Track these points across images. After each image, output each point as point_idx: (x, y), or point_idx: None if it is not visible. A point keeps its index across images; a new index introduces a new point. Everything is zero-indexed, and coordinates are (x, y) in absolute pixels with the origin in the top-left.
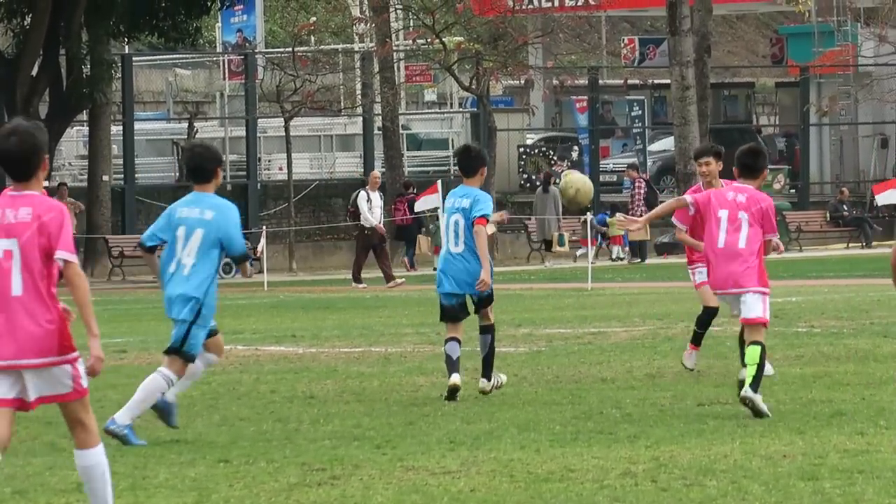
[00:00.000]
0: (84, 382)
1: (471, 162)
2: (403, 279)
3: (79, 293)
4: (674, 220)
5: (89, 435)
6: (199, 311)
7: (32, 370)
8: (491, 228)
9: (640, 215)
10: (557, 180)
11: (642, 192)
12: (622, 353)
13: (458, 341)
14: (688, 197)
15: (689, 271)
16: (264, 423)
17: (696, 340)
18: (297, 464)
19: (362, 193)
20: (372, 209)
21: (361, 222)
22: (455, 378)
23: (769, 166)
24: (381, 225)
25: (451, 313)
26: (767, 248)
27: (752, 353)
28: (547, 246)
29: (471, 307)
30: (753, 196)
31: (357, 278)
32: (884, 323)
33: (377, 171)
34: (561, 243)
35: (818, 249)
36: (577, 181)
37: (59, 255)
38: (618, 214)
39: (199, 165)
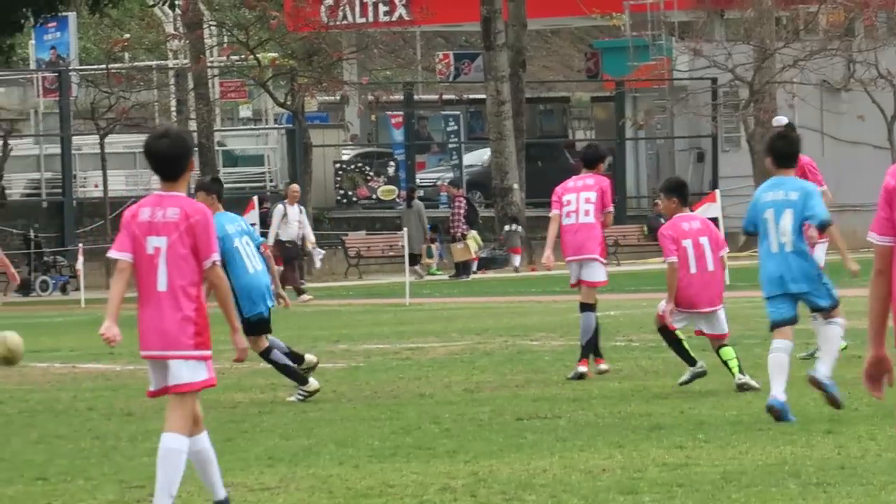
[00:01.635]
0: (211, 376)
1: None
2: (311, 296)
3: (220, 293)
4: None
5: (199, 423)
6: None
7: (175, 361)
8: None
9: (461, 233)
10: (420, 194)
11: (462, 209)
12: (440, 368)
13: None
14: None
15: None
16: (82, 440)
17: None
18: (115, 481)
19: (279, 207)
20: (289, 223)
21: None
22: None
23: None
24: (295, 240)
25: None
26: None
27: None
28: (413, 261)
29: None
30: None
31: (298, 291)
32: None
33: (296, 185)
34: (429, 255)
35: (636, 263)
36: None
37: (210, 258)
38: (544, 257)
39: None
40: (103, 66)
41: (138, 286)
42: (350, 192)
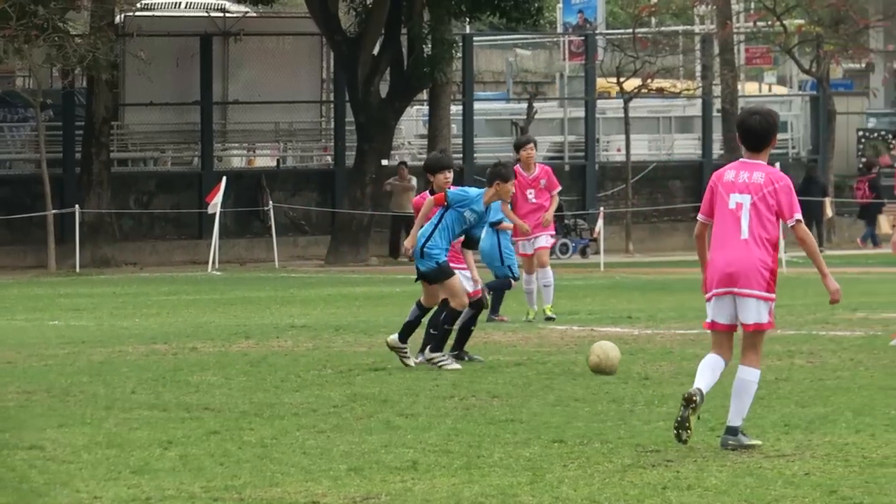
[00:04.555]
0: (772, 319)
1: None
2: None
3: (807, 246)
4: None
5: (756, 358)
6: None
7: (745, 298)
8: None
9: None
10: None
11: None
12: None
13: None
14: None
15: None
16: (599, 403)
17: None
18: (631, 445)
19: None
20: None
21: None
22: None
23: None
24: None
25: None
26: None
27: None
28: None
29: None
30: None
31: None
32: None
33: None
34: None
35: None
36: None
37: (793, 218)
38: None
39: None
40: (630, 30)
41: (716, 235)
42: (873, 161)
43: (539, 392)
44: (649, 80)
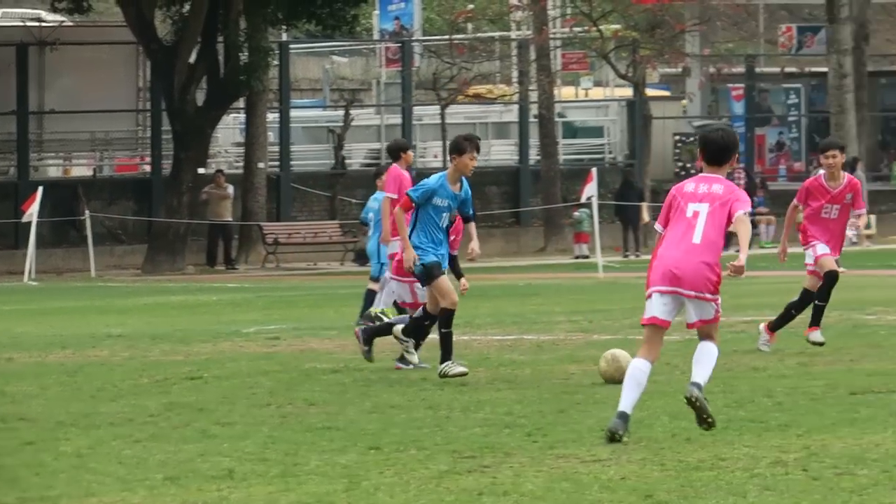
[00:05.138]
0: (719, 313)
1: None
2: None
3: (741, 233)
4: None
5: (715, 341)
6: None
7: (692, 300)
8: None
9: None
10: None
11: (742, 180)
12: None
13: None
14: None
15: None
16: (416, 410)
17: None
18: (447, 451)
19: None
20: None
21: None
22: None
23: None
24: None
25: None
26: None
27: None
28: None
29: None
30: None
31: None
32: None
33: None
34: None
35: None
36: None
37: (740, 210)
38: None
39: None
40: (446, 36)
41: (668, 237)
42: (689, 164)
43: (356, 399)
44: (466, 87)
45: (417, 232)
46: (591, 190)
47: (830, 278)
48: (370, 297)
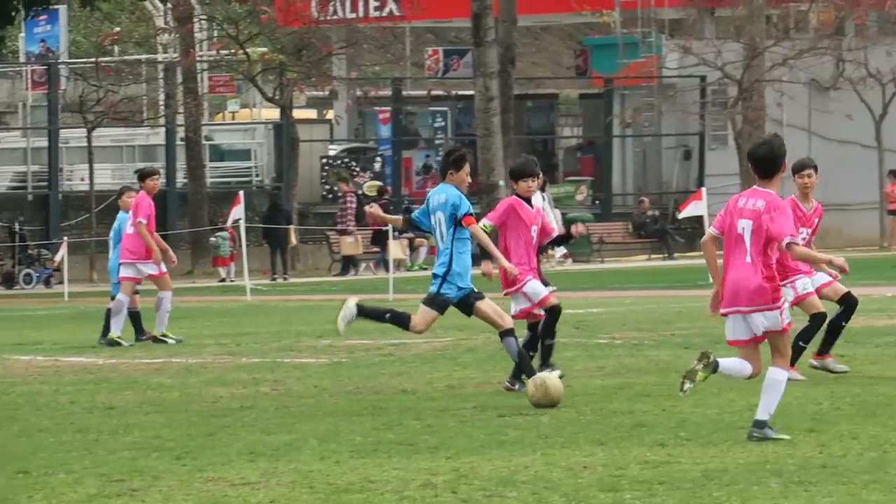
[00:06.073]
0: (785, 322)
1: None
2: None
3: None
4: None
5: (783, 359)
6: None
7: (751, 315)
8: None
9: (350, 228)
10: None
11: (352, 204)
12: (423, 364)
13: None
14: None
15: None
16: (64, 433)
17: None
18: (96, 475)
19: None
20: None
21: None
22: None
23: (572, 178)
24: None
25: None
26: None
27: None
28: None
29: None
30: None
31: None
32: (684, 334)
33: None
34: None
35: (620, 261)
36: None
37: (783, 240)
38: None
39: None
40: (93, 59)
41: (725, 257)
42: (335, 188)
43: (3, 423)
44: (112, 109)
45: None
46: (238, 213)
47: (818, 321)
48: (108, 315)
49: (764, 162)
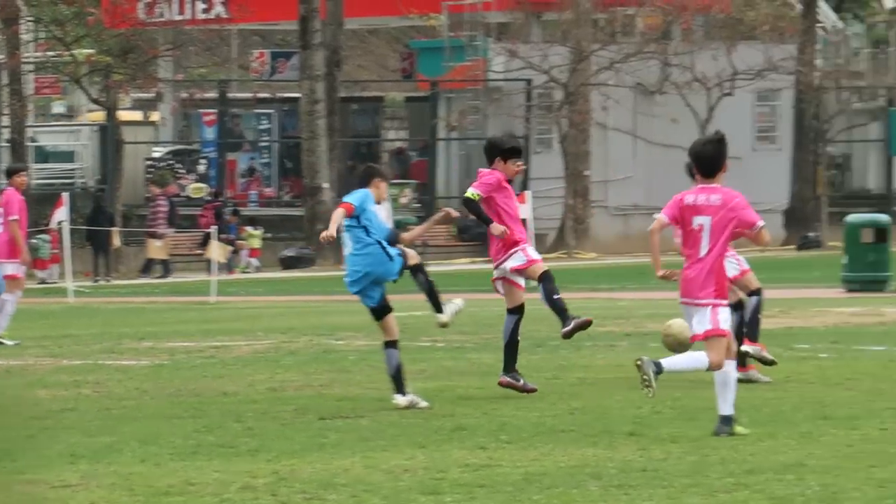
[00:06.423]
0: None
1: None
2: None
3: (767, 244)
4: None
5: (728, 353)
6: None
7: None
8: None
9: (159, 231)
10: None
11: (163, 208)
12: (245, 366)
13: None
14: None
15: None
16: None
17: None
18: None
19: None
20: None
21: None
22: None
23: (398, 180)
24: None
25: None
26: None
27: None
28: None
29: None
30: None
31: None
32: None
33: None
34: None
35: (444, 264)
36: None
37: (756, 226)
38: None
39: None
40: None
41: (684, 253)
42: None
43: None
44: None
45: None
46: (61, 215)
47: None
48: None
49: (707, 161)
